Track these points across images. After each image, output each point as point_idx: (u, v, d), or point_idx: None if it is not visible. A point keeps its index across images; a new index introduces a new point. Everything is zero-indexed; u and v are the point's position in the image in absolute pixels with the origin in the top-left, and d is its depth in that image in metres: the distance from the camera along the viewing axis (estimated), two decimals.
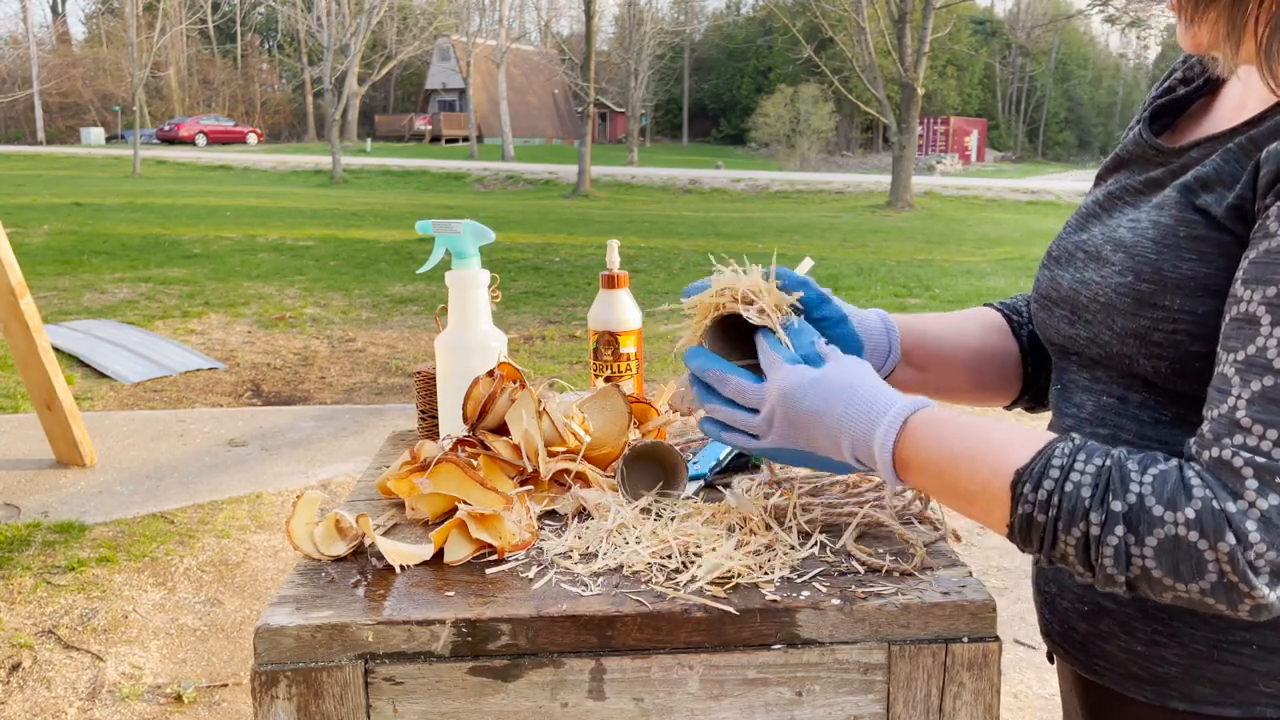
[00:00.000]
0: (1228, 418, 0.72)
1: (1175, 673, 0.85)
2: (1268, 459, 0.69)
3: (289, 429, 5.05)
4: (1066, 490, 0.73)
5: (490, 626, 0.90)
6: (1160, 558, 0.70)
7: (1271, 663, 0.81)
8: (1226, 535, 0.68)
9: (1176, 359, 0.81)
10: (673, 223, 17.06)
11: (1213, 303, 0.78)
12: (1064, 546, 0.74)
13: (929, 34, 20.07)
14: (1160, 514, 0.70)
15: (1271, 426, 0.69)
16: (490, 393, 1.25)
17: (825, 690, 0.92)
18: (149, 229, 13.54)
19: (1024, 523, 0.76)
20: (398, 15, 36.11)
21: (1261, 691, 0.82)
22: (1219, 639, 0.83)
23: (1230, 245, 0.78)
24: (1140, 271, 0.82)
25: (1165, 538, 0.70)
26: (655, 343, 7.00)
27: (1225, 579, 0.69)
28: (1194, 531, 0.69)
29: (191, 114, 47.43)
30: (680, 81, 55.02)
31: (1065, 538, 0.74)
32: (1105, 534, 0.71)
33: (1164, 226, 0.82)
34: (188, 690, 2.72)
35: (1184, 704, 0.85)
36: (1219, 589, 0.69)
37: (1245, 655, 0.82)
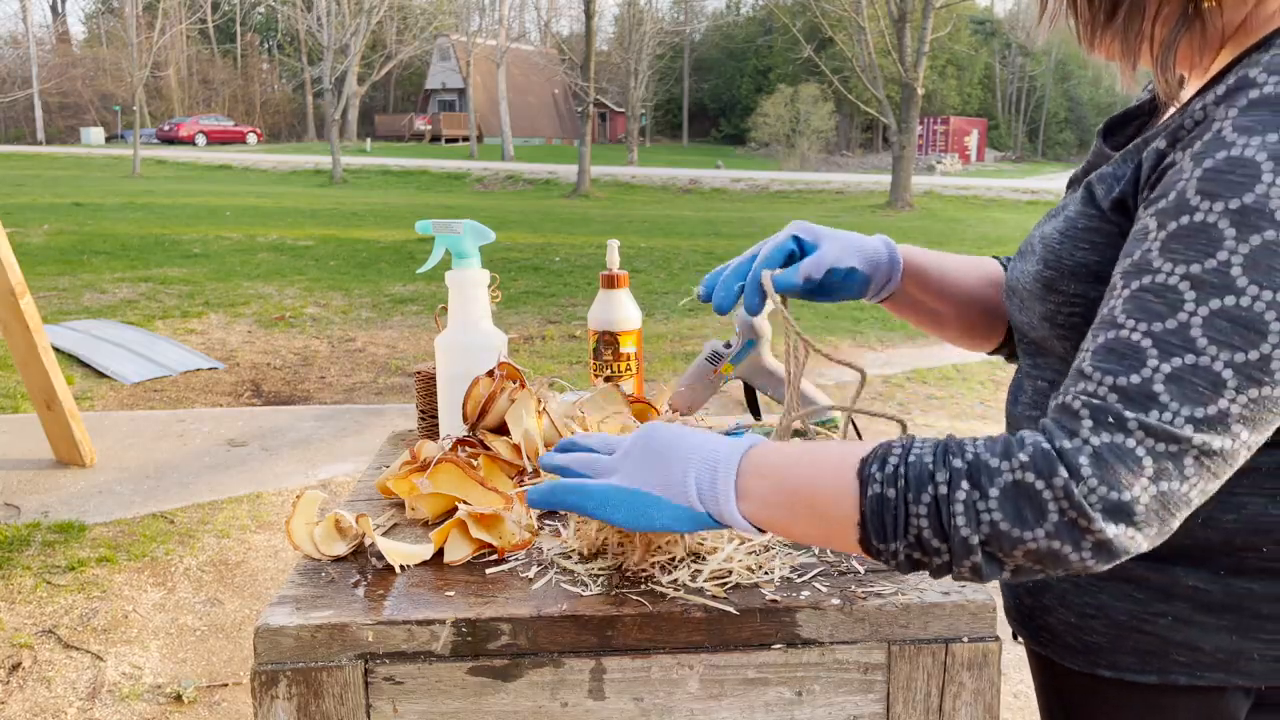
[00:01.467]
0: (1075, 370, 0.76)
1: (1103, 643, 0.91)
2: (1103, 401, 0.72)
3: (289, 429, 5.05)
4: (910, 461, 0.75)
5: (490, 626, 0.90)
6: (1004, 506, 0.72)
7: (1184, 633, 0.87)
8: (1060, 470, 0.71)
9: (1078, 340, 0.88)
10: (673, 223, 17.06)
11: (1102, 289, 0.84)
12: (916, 521, 0.74)
13: (929, 34, 20.06)
14: (996, 464, 0.73)
15: (1109, 374, 0.73)
16: (490, 393, 1.25)
17: (825, 690, 0.92)
18: (149, 229, 13.54)
19: (876, 504, 0.75)
20: (398, 15, 36.10)
21: (1175, 660, 0.88)
22: (1139, 611, 0.89)
23: (1114, 236, 0.84)
24: (1048, 259, 0.90)
25: (1005, 484, 0.72)
26: (655, 343, 7.00)
27: (1065, 516, 0.71)
28: (1029, 473, 0.71)
29: (191, 114, 47.42)
30: (680, 81, 55.02)
31: (916, 508, 0.74)
32: (952, 491, 0.73)
33: (1068, 219, 0.90)
34: (188, 690, 2.72)
35: (1110, 671, 0.91)
36: (1062, 530, 0.71)
37: (1161, 625, 0.88)
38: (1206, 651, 0.87)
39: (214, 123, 44.60)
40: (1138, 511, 0.71)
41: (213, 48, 53.98)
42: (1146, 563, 0.87)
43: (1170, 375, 0.71)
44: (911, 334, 7.48)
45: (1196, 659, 0.87)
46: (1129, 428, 0.71)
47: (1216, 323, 0.71)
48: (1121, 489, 0.70)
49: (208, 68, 53.37)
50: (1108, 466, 0.70)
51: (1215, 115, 0.76)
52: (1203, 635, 0.87)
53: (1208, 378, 0.71)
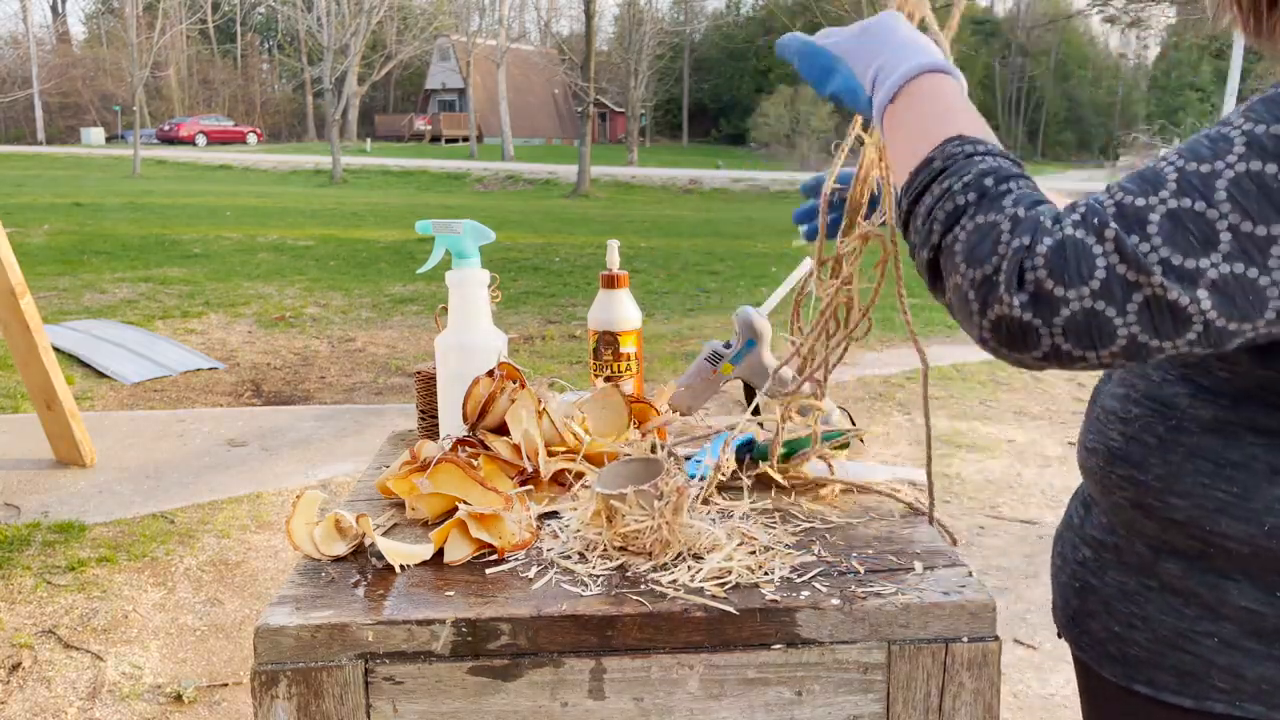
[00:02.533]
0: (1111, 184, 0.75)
1: (1143, 656, 0.87)
2: (1100, 207, 0.70)
3: (289, 429, 5.05)
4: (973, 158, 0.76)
5: (490, 626, 0.90)
6: (973, 234, 0.72)
7: (1229, 657, 0.82)
8: (1024, 236, 0.70)
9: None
10: (673, 223, 17.05)
11: None
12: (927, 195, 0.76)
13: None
14: (1005, 204, 0.72)
15: (1125, 190, 0.71)
16: (490, 393, 1.25)
17: (825, 690, 0.92)
18: (149, 229, 13.54)
19: (923, 165, 0.78)
20: (398, 15, 36.08)
21: (1214, 685, 0.83)
22: (1185, 629, 0.84)
23: None
24: None
25: (987, 221, 0.72)
26: (655, 343, 7.00)
27: (995, 275, 0.70)
28: (1007, 222, 0.71)
29: (191, 114, 47.41)
30: (680, 81, 55.00)
31: (934, 186, 0.76)
32: (960, 193, 0.74)
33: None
34: (188, 690, 2.72)
35: (1146, 689, 0.87)
36: (983, 283, 0.70)
37: (1205, 647, 0.83)
38: (1249, 680, 0.82)
39: (214, 123, 44.59)
40: (1061, 312, 0.68)
41: (213, 48, 53.96)
42: (1200, 575, 0.83)
43: (1172, 211, 0.68)
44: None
45: (1238, 687, 0.82)
46: (1104, 235, 0.68)
47: (1244, 184, 0.67)
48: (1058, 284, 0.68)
49: (208, 68, 53.36)
50: (1062, 257, 0.68)
51: None
52: (1248, 662, 0.81)
53: (1204, 230, 0.67)
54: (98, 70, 46.08)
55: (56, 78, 46.32)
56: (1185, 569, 0.83)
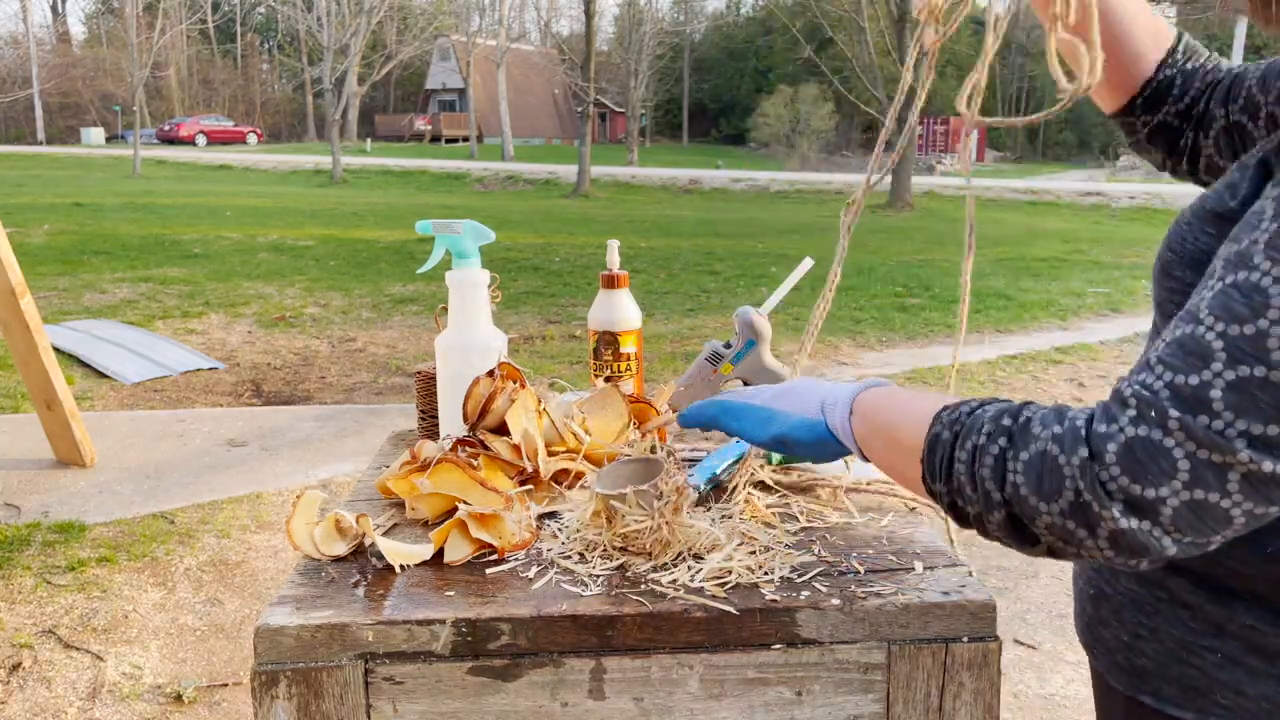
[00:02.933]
0: (1142, 360, 0.72)
1: (1149, 667, 0.87)
2: (1153, 395, 0.68)
3: (289, 429, 5.05)
4: (974, 414, 0.76)
5: (490, 626, 0.90)
6: (1029, 472, 0.70)
7: (1231, 674, 0.82)
8: (1080, 449, 0.68)
9: None
10: (673, 223, 17.05)
11: None
12: (957, 467, 0.75)
13: None
14: (1038, 431, 0.71)
15: (1170, 369, 0.68)
16: (490, 393, 1.25)
17: (825, 690, 0.92)
18: (149, 229, 13.53)
19: (932, 443, 0.77)
20: (398, 15, 36.08)
21: (1216, 701, 0.83)
22: (1190, 642, 0.84)
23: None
24: (1171, 241, 0.84)
25: (1035, 452, 0.70)
26: (655, 343, 7.00)
27: (1080, 498, 0.68)
28: (1055, 445, 0.70)
29: (191, 114, 47.40)
30: (680, 81, 55.00)
31: (959, 453, 0.75)
32: (989, 443, 0.73)
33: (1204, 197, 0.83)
34: (188, 690, 2.72)
35: (1152, 700, 0.87)
36: (1075, 510, 0.68)
37: (1209, 662, 0.83)
38: (1249, 698, 0.81)
39: (214, 123, 44.59)
40: (1163, 512, 0.66)
41: (213, 48, 53.96)
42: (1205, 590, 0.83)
43: (1232, 383, 0.65)
44: (911, 334, 7.47)
45: (1239, 704, 0.82)
46: (1169, 426, 0.66)
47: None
48: (1146, 485, 0.66)
49: (208, 68, 53.36)
50: (1135, 460, 0.66)
51: None
52: (1249, 680, 0.81)
53: (1273, 396, 0.64)
54: (98, 70, 46.08)
55: (56, 78, 46.32)
56: (1193, 584, 0.83)
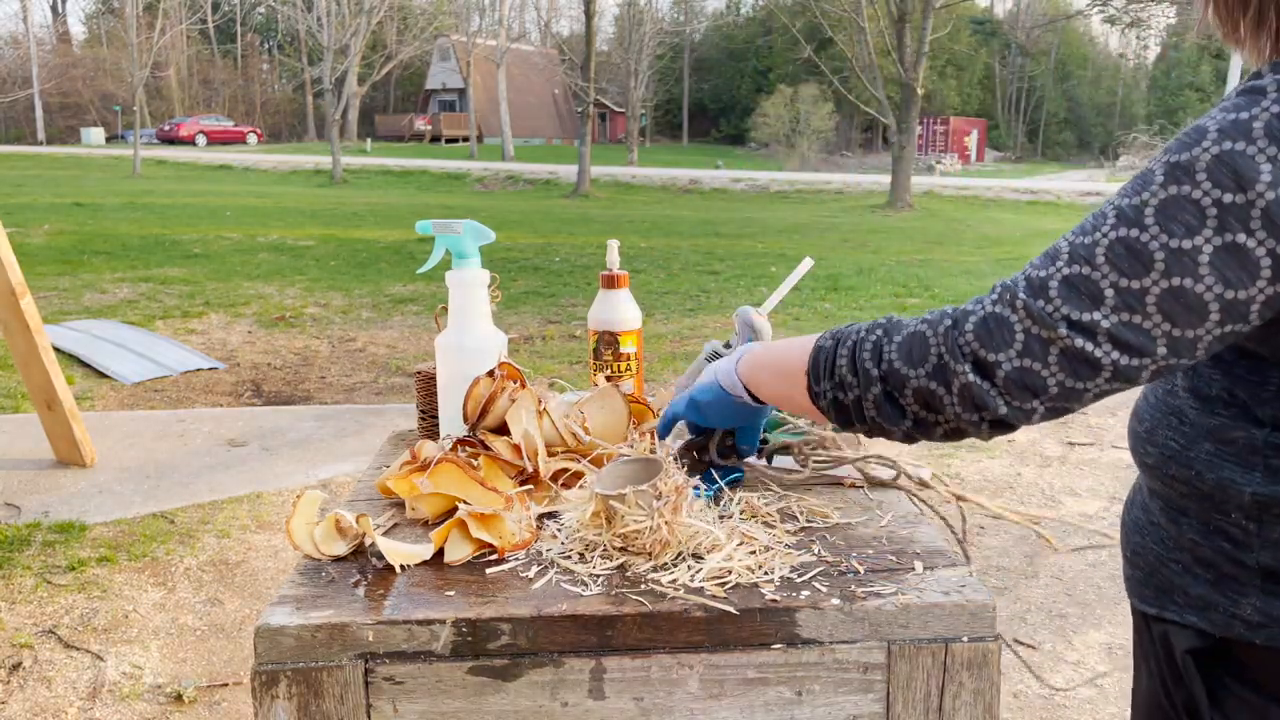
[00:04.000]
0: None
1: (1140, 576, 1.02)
2: (1013, 283, 0.85)
3: (289, 429, 5.05)
4: (852, 326, 0.94)
5: (490, 626, 0.90)
6: (901, 348, 0.88)
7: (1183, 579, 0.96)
8: (945, 321, 0.86)
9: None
10: (673, 223, 17.05)
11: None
12: (840, 361, 0.92)
13: (929, 34, 20.05)
14: (908, 321, 0.90)
15: (1032, 266, 0.85)
16: (490, 393, 1.25)
17: (825, 690, 0.92)
18: (149, 229, 13.53)
19: (815, 354, 0.95)
20: (398, 15, 36.08)
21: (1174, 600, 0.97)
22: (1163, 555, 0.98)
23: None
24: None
25: (907, 333, 0.88)
26: (655, 343, 7.00)
27: (941, 359, 0.85)
28: (924, 325, 0.88)
29: (191, 114, 47.39)
30: (680, 81, 55.00)
31: (841, 350, 0.92)
32: (867, 335, 0.91)
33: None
34: (188, 690, 2.72)
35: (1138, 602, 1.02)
36: (937, 370, 0.85)
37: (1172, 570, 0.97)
38: (1192, 596, 0.96)
39: (214, 123, 44.58)
40: (998, 374, 0.83)
41: (213, 48, 53.95)
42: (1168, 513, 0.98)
43: (1066, 278, 0.82)
44: None
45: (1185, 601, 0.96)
46: (1015, 305, 0.83)
47: (1116, 248, 0.81)
48: (989, 350, 0.83)
49: (208, 68, 53.34)
50: (986, 328, 0.83)
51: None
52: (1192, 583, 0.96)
53: (1091, 290, 0.81)
54: (98, 70, 46.07)
55: (56, 78, 46.31)
56: (1161, 507, 0.99)
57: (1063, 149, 53.04)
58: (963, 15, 44.90)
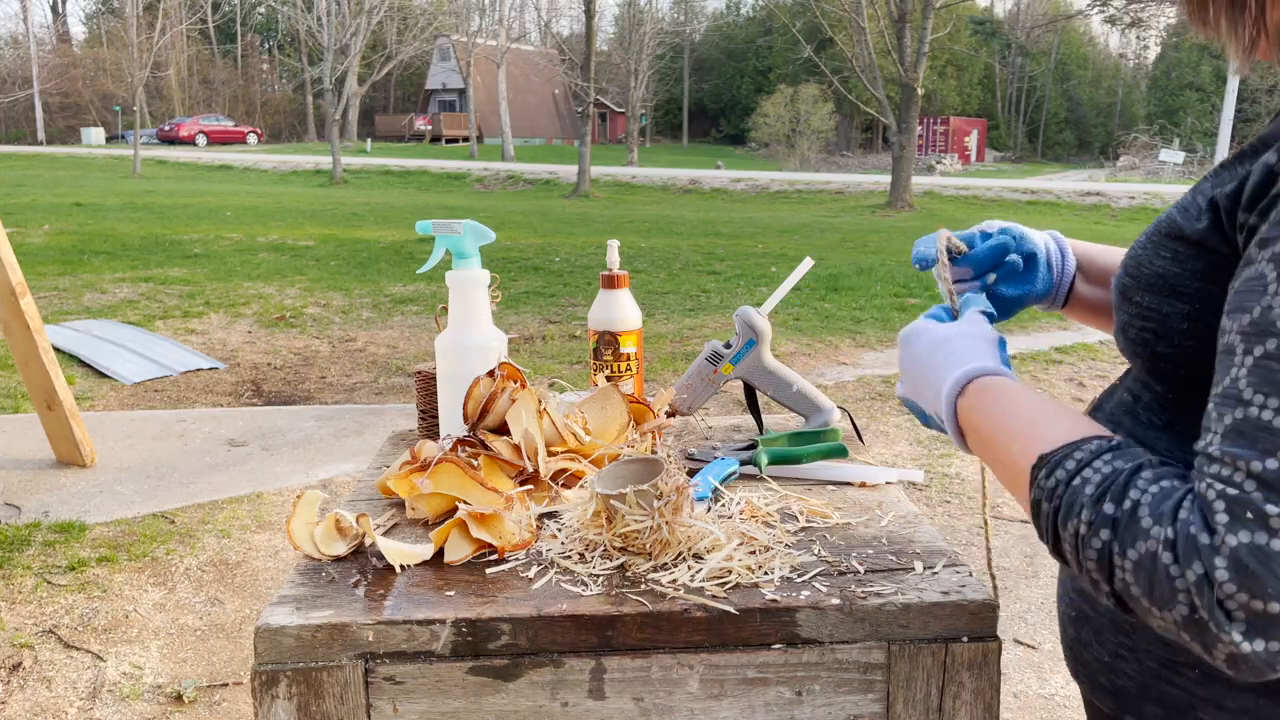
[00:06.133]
0: (1205, 452, 0.68)
1: (1131, 688, 0.87)
2: (1239, 490, 0.64)
3: (289, 429, 5.05)
4: (1074, 484, 0.71)
5: (490, 626, 0.90)
6: (1138, 574, 0.66)
7: (1210, 689, 0.82)
8: (1194, 564, 0.63)
9: (1147, 358, 0.83)
10: (673, 223, 17.05)
11: (1175, 304, 0.78)
12: (1064, 544, 0.72)
13: (929, 34, 20.05)
14: (1148, 526, 0.66)
15: (1241, 458, 0.64)
16: (490, 393, 1.25)
17: (825, 690, 0.92)
18: (149, 229, 13.54)
19: (1034, 509, 0.75)
20: (398, 15, 36.08)
21: (1199, 717, 0.83)
22: (1169, 659, 0.84)
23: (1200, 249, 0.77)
24: (1128, 265, 0.85)
25: (1145, 553, 0.66)
26: (655, 343, 7.00)
27: (1195, 614, 0.64)
28: (1168, 552, 0.65)
29: (192, 114, 47.41)
30: (680, 81, 55.00)
31: (1063, 533, 0.72)
32: (1091, 535, 0.69)
33: (1158, 223, 0.83)
34: (188, 690, 2.72)
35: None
36: (1190, 624, 0.64)
37: (1189, 679, 0.82)
38: (1230, 711, 0.82)
39: (214, 123, 44.59)
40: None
41: (213, 48, 53.96)
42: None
43: None
44: None
45: (1220, 718, 0.82)
46: (1272, 525, 0.61)
47: None
48: (1267, 598, 0.61)
49: (208, 68, 53.35)
50: (1249, 573, 0.61)
51: None
52: (1229, 694, 0.81)
53: None
54: (98, 70, 46.06)
55: (56, 78, 46.32)
56: None
57: (1063, 149, 53.05)
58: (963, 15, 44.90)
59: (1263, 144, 0.76)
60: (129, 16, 29.41)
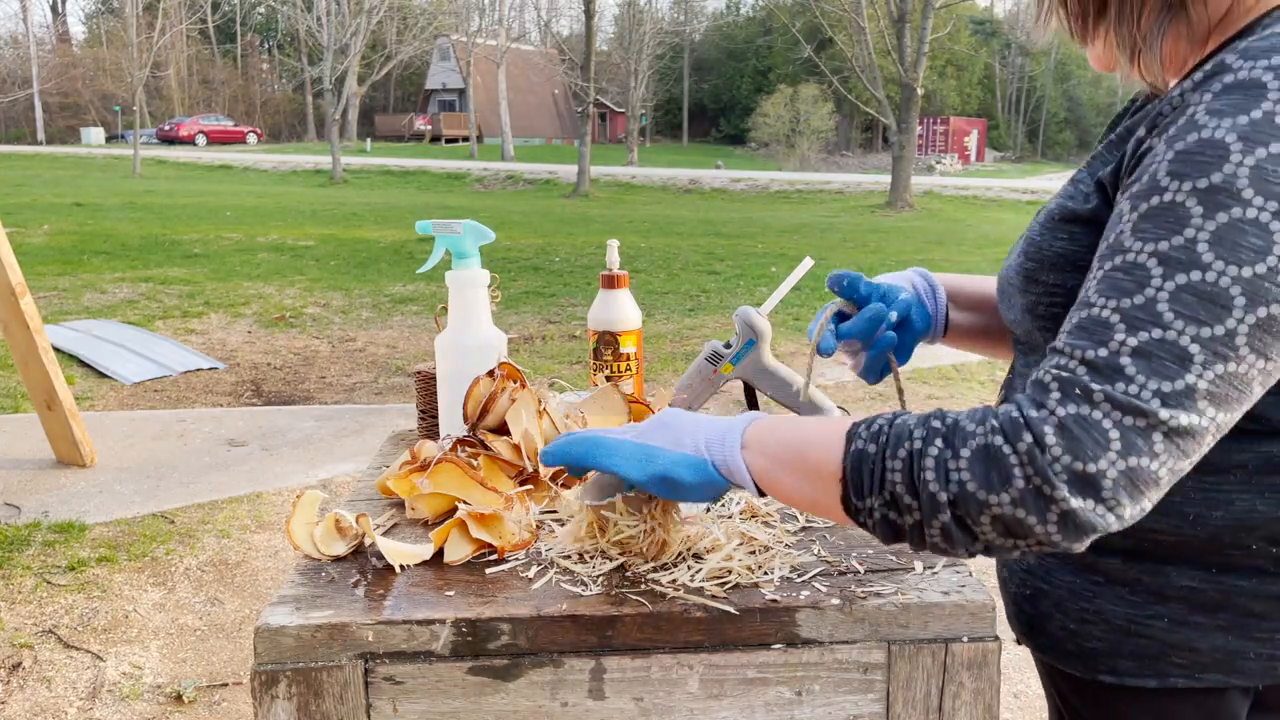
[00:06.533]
0: (1052, 347, 0.77)
1: (1101, 648, 0.91)
2: (1072, 374, 0.72)
3: (289, 429, 5.05)
4: (895, 424, 0.78)
5: (490, 626, 0.90)
6: (973, 467, 0.72)
7: (1181, 634, 0.87)
8: (1024, 435, 0.71)
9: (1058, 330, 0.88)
10: (673, 223, 17.05)
11: (1079, 278, 0.85)
12: (891, 476, 0.75)
13: (929, 34, 20.06)
14: (971, 429, 0.74)
15: (1078, 348, 0.73)
16: (490, 393, 1.25)
17: (825, 690, 0.92)
18: (149, 229, 13.54)
19: (856, 459, 0.78)
20: (398, 15, 36.09)
21: (1173, 662, 0.88)
22: (1136, 615, 0.89)
23: (1094, 225, 0.85)
24: (1028, 251, 0.92)
25: (976, 447, 0.73)
26: (655, 343, 7.00)
27: (1030, 483, 0.70)
28: (998, 436, 0.72)
29: (191, 114, 47.43)
30: (680, 81, 55.00)
31: (892, 463, 0.76)
32: (926, 447, 0.74)
33: (1049, 210, 0.92)
34: (188, 690, 2.72)
35: (1110, 676, 0.91)
36: (1027, 496, 0.71)
37: (1158, 628, 0.88)
38: (1204, 652, 0.87)
39: (214, 123, 44.61)
40: (1104, 486, 0.70)
41: (213, 48, 53.98)
42: (1139, 564, 0.88)
43: (1136, 349, 0.71)
44: None
45: (1194, 660, 0.87)
46: (1095, 399, 0.71)
47: (1182, 297, 0.71)
48: (1087, 460, 0.70)
49: (208, 68, 53.37)
50: (1073, 437, 0.70)
51: (1190, 100, 0.77)
52: (1199, 636, 0.87)
53: (1174, 352, 0.70)
54: (98, 70, 46.06)
55: (56, 78, 46.32)
56: (1126, 561, 0.89)
57: (1063, 149, 53.04)
58: (963, 15, 44.91)
59: (1128, 132, 0.85)
60: (129, 16, 29.43)
